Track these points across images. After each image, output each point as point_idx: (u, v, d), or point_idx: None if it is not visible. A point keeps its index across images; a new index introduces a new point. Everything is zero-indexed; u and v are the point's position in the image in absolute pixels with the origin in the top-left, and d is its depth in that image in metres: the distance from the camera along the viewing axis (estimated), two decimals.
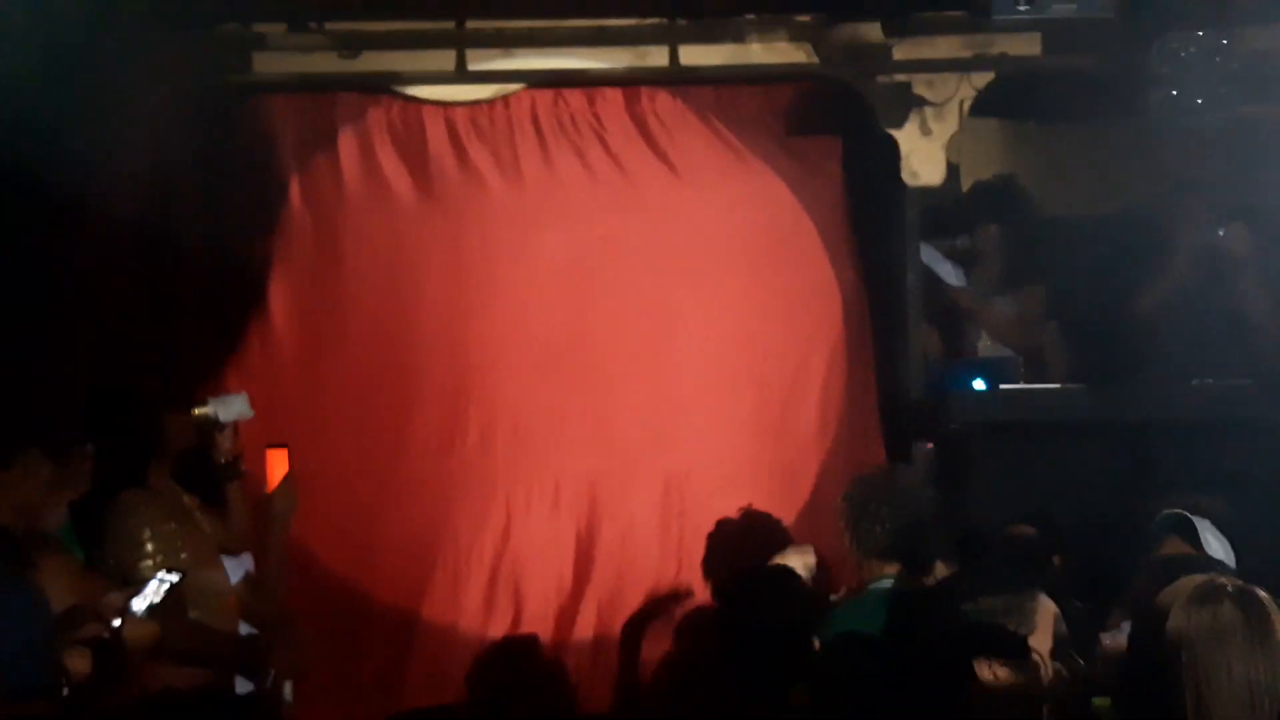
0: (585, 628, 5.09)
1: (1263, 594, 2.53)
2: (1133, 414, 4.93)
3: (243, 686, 4.03)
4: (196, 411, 4.26)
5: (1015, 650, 3.47)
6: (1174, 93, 4.84)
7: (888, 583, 3.82)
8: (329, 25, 5.14)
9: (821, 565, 4.09)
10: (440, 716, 4.87)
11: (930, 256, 5.38)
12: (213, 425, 4.27)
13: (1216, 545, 3.85)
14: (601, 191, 5.29)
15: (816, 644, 3.41)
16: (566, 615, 5.11)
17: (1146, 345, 5.10)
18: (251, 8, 5.06)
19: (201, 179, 5.18)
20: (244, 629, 4.19)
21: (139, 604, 3.14)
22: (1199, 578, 2.59)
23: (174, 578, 3.27)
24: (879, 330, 5.35)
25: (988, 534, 4.38)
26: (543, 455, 5.21)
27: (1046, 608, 3.69)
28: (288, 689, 4.16)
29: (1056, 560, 4.45)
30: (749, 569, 4.07)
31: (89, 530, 3.91)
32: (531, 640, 4.65)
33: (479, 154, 5.28)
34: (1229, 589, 2.52)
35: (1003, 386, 5.08)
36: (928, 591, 3.86)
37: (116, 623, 3.08)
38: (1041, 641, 3.60)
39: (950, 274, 5.50)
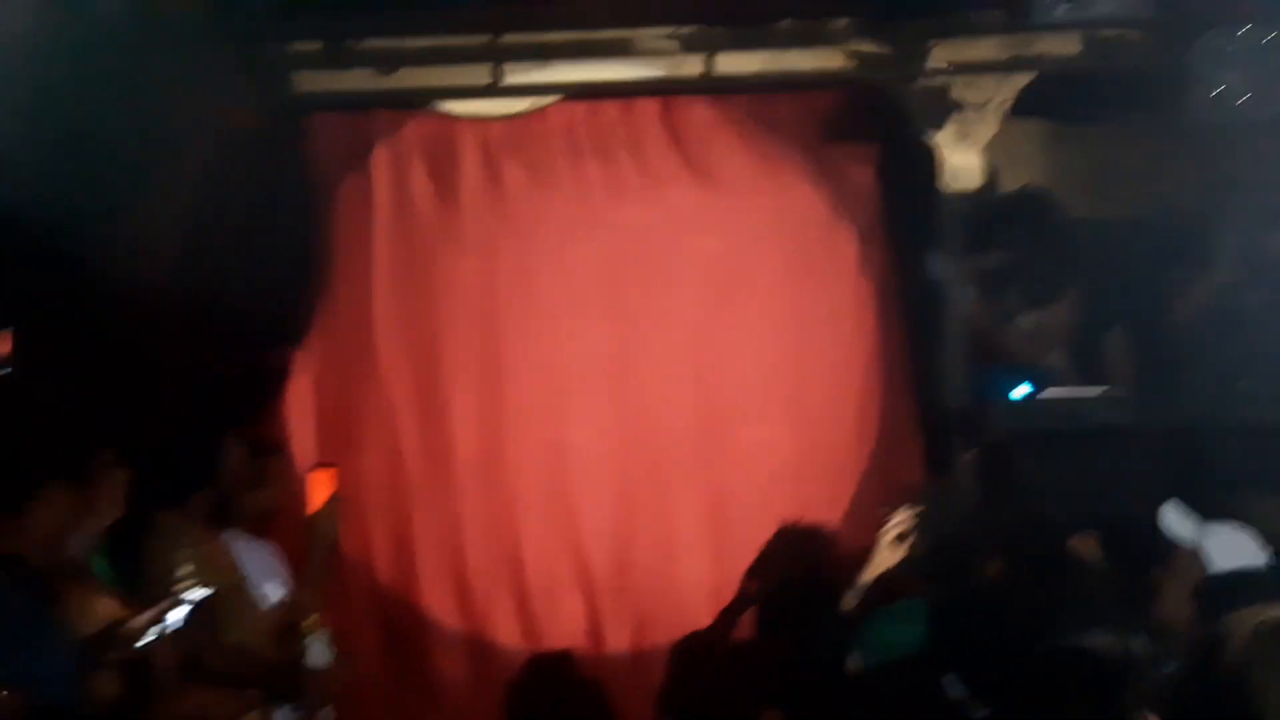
0: (620, 642, 5.11)
1: None
2: (1178, 418, 4.83)
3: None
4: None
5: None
6: (1217, 91, 4.74)
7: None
8: (366, 43, 5.18)
9: None
10: None
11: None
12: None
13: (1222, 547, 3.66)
14: (635, 203, 5.29)
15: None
16: (604, 630, 5.13)
17: (1191, 348, 5.00)
18: (289, 27, 5.11)
19: (242, 198, 5.22)
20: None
21: (167, 625, 3.15)
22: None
23: (199, 595, 3.27)
24: (918, 339, 5.29)
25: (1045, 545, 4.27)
26: (580, 469, 5.23)
27: None
28: (327, 713, 4.16)
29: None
30: (787, 588, 4.04)
31: (128, 553, 3.95)
32: (566, 655, 4.65)
33: (514, 168, 5.30)
34: None
35: (1045, 393, 5.00)
36: (975, 603, 3.80)
37: (142, 644, 3.09)
38: None
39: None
